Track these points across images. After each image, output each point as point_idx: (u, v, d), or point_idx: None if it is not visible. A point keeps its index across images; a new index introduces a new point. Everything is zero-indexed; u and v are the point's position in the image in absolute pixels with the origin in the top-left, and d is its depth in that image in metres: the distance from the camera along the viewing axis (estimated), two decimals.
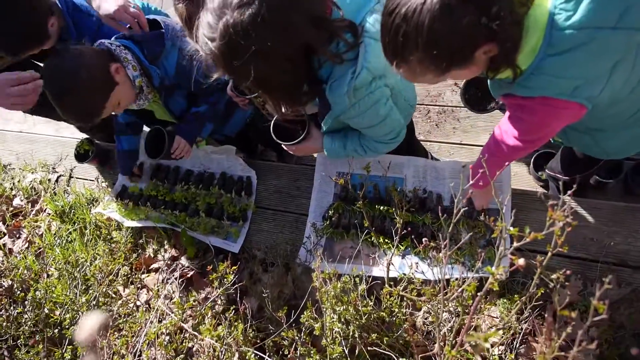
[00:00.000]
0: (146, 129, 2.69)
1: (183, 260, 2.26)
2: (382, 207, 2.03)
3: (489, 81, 1.44)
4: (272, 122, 1.79)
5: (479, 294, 1.26)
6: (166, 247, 2.35)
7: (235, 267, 1.59)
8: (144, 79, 1.89)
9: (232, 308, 1.60)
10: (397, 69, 1.16)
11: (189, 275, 2.20)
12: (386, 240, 1.98)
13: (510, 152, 1.47)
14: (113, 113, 1.92)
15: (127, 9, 1.74)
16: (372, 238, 1.92)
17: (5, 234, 2.82)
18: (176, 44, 1.91)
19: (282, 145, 1.79)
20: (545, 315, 1.65)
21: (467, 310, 1.45)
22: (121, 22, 1.83)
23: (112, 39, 1.91)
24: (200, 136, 2.23)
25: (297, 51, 1.25)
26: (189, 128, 2.15)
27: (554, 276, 1.10)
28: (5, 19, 1.71)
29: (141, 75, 1.87)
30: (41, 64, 2.53)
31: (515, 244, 1.05)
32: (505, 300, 1.72)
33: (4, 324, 2.00)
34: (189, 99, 2.08)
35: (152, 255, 2.37)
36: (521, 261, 0.95)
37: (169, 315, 1.68)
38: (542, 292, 1.35)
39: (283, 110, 1.40)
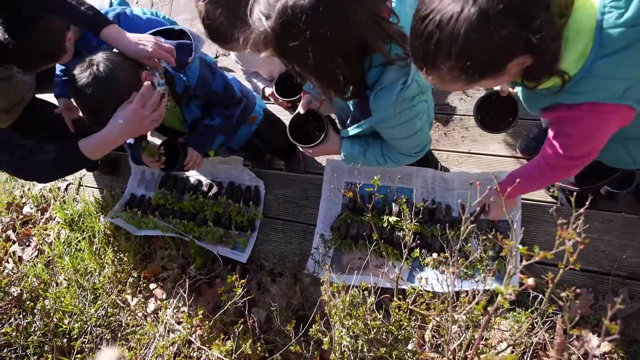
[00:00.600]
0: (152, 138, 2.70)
1: (191, 270, 2.26)
2: (390, 218, 2.02)
3: (522, 94, 1.40)
4: (289, 124, 1.79)
5: (488, 308, 1.25)
6: (174, 256, 2.35)
7: (244, 281, 1.58)
8: (167, 87, 1.89)
9: (240, 321, 1.59)
10: (426, 75, 1.14)
11: (197, 285, 2.20)
12: (395, 251, 1.98)
13: (558, 173, 1.42)
14: None
15: (162, 46, 1.73)
16: (381, 249, 1.92)
17: (15, 242, 2.84)
18: (199, 55, 1.92)
19: (299, 147, 1.79)
20: (557, 329, 1.64)
21: (476, 325, 1.44)
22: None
23: None
24: (211, 147, 2.23)
25: (352, 45, 1.24)
26: (202, 140, 2.15)
27: (563, 294, 1.08)
28: (23, 37, 1.72)
29: (165, 84, 1.87)
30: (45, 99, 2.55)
31: (524, 262, 1.03)
32: (515, 314, 1.70)
33: (14, 333, 2.00)
34: (203, 110, 2.08)
35: (160, 264, 2.37)
36: (530, 281, 0.93)
37: (177, 329, 1.68)
38: (554, 308, 1.34)
39: (330, 94, 1.39)
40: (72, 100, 1.79)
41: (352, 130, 1.62)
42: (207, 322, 1.69)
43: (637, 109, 1.15)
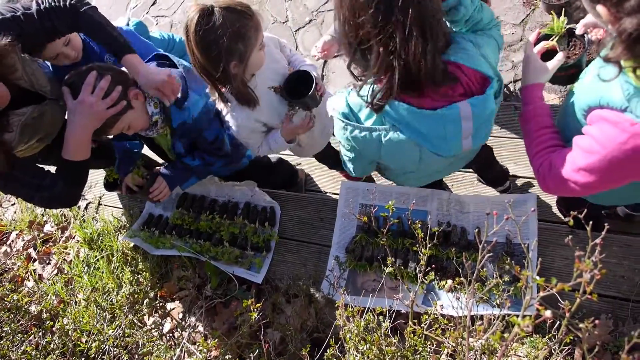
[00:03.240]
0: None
1: (207, 290, 2.28)
2: (405, 241, 2.02)
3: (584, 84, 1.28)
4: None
5: (505, 335, 1.24)
6: (190, 276, 2.38)
7: (259, 305, 1.59)
8: (162, 116, 1.94)
9: (255, 345, 1.60)
10: None
11: (212, 305, 2.22)
12: (410, 273, 1.97)
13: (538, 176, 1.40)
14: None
15: (171, 82, 1.83)
16: (396, 271, 1.91)
17: (35, 260, 2.90)
18: (205, 95, 1.97)
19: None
20: (575, 357, 1.61)
21: (493, 352, 1.43)
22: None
23: None
24: (181, 186, 2.29)
25: None
26: (174, 175, 2.21)
27: (582, 325, 1.07)
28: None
29: (160, 113, 1.92)
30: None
31: (541, 294, 1.03)
32: (532, 340, 1.68)
33: (33, 352, 2.04)
34: (187, 150, 2.13)
35: (177, 284, 2.40)
36: (547, 314, 0.93)
37: (193, 351, 1.70)
38: (571, 338, 1.32)
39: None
40: None
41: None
42: (222, 345, 1.71)
43: None
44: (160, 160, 2.79)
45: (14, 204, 3.44)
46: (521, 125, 1.51)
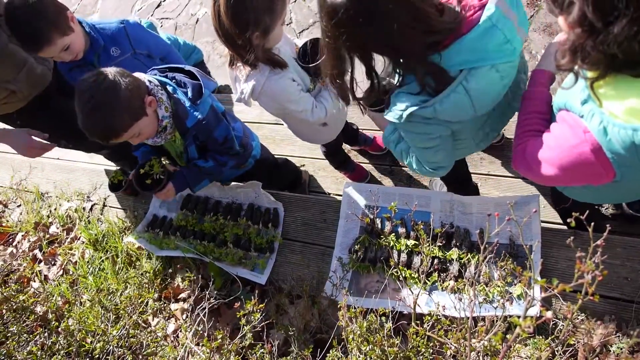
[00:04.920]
0: None
1: (211, 291, 2.28)
2: (408, 242, 2.03)
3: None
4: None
5: (507, 336, 1.24)
6: (194, 277, 2.39)
7: (262, 305, 1.60)
8: (171, 120, 1.94)
9: (258, 346, 1.61)
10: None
11: (216, 306, 2.23)
12: (413, 275, 1.97)
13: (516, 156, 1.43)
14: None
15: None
16: (399, 272, 1.92)
17: (41, 261, 2.92)
18: (210, 101, 1.99)
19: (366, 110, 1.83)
20: (578, 358, 1.61)
21: (495, 354, 1.43)
22: None
23: (151, 74, 1.99)
24: (193, 189, 2.30)
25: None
26: (187, 177, 2.23)
27: (583, 326, 1.08)
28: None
29: (169, 117, 1.93)
30: None
31: (543, 294, 1.03)
32: (535, 342, 1.68)
33: (39, 352, 2.05)
34: (199, 152, 2.14)
35: (180, 284, 2.41)
36: (549, 314, 0.93)
37: (197, 351, 1.71)
38: (574, 339, 1.32)
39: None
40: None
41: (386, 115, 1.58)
42: (225, 345, 1.71)
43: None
44: None
45: (20, 205, 3.46)
46: (520, 103, 1.53)
